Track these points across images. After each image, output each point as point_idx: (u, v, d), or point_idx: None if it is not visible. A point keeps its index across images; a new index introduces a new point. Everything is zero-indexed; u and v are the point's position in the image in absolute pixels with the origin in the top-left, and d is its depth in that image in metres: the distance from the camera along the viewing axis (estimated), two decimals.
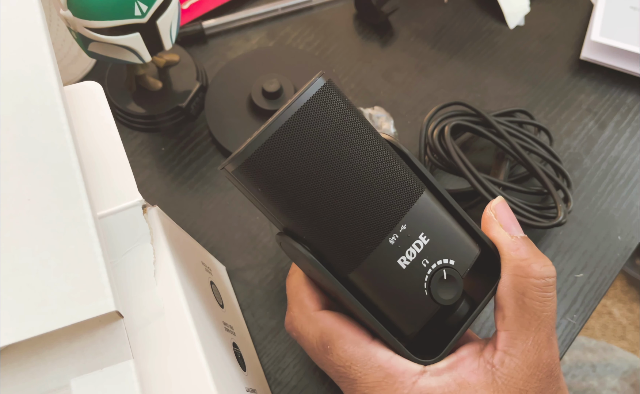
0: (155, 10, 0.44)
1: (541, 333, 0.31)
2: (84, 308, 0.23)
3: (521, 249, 0.32)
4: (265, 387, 0.42)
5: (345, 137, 0.29)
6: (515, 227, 0.33)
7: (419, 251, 0.31)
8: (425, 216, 0.31)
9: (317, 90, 0.29)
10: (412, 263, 0.31)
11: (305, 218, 0.29)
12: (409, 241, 0.30)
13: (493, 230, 0.33)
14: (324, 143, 0.28)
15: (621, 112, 0.56)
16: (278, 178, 0.28)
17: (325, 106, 0.29)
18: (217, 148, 0.54)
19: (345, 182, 0.29)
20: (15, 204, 0.25)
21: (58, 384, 0.24)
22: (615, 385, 0.69)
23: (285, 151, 0.28)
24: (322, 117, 0.28)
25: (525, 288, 0.31)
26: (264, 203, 0.30)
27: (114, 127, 0.32)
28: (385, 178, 0.30)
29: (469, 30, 0.62)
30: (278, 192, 0.29)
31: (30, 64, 0.28)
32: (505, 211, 0.34)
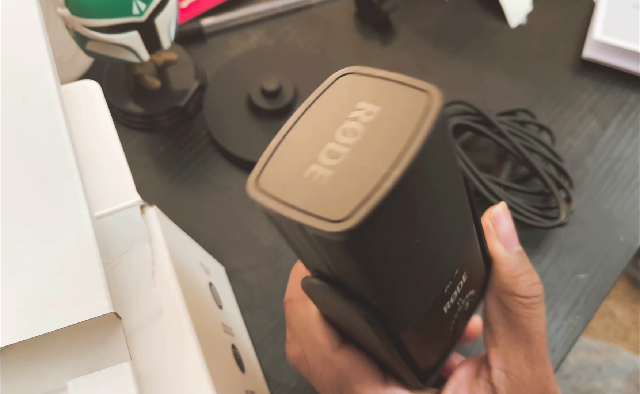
0: (154, 9, 0.44)
1: (532, 348, 0.30)
2: (82, 309, 0.23)
3: (512, 264, 0.30)
4: (264, 389, 0.42)
5: (448, 183, 0.21)
6: (512, 240, 0.31)
7: (459, 292, 0.26)
8: (469, 253, 0.26)
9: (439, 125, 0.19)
10: (452, 305, 0.27)
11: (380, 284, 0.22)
12: (456, 283, 0.26)
13: (489, 242, 0.31)
14: (435, 196, 0.21)
15: (623, 111, 0.56)
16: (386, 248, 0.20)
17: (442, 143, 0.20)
18: (216, 148, 0.53)
19: (431, 246, 0.22)
20: (12, 204, 0.25)
21: (55, 386, 0.24)
22: (620, 386, 0.68)
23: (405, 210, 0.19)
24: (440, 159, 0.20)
25: (511, 305, 0.30)
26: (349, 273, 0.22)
27: (112, 127, 0.31)
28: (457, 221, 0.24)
29: (470, 29, 0.62)
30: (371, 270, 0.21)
31: (28, 62, 0.28)
32: (505, 220, 0.31)
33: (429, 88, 0.20)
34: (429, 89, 0.20)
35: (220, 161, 0.53)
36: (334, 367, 0.30)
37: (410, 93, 0.20)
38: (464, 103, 0.51)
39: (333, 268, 0.22)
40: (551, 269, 0.48)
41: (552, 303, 0.47)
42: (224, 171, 0.53)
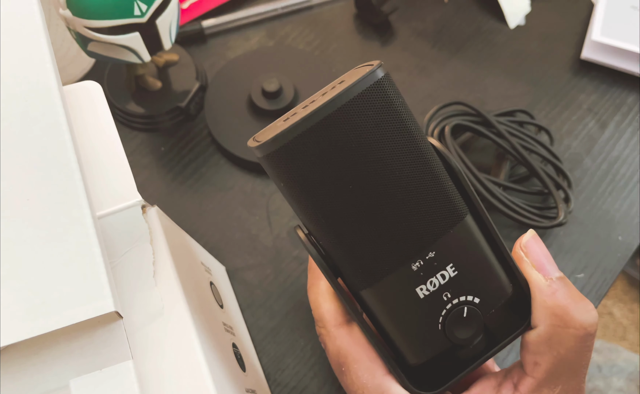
0: (155, 10, 0.44)
1: (571, 382, 0.28)
2: (83, 308, 0.23)
3: (558, 293, 0.28)
4: (264, 388, 0.42)
5: (392, 143, 0.25)
6: (549, 266, 0.29)
7: (442, 283, 0.27)
8: (459, 245, 0.27)
9: (372, 82, 0.24)
10: (431, 294, 0.27)
11: (326, 224, 0.26)
12: (434, 271, 0.27)
13: (525, 271, 0.29)
14: (367, 146, 0.24)
15: (622, 111, 0.56)
16: (306, 177, 0.25)
17: (377, 103, 0.24)
18: (217, 148, 0.54)
19: (380, 194, 0.25)
20: (14, 204, 0.25)
21: (57, 385, 0.24)
22: (621, 386, 0.68)
23: (322, 148, 0.24)
24: (372, 115, 0.24)
25: (563, 339, 0.28)
26: (285, 196, 0.27)
27: (113, 127, 0.31)
28: (425, 197, 0.26)
29: (469, 30, 0.62)
30: (303, 192, 0.25)
31: (29, 63, 0.28)
32: (537, 247, 0.29)
33: (374, 63, 0.25)
34: (374, 63, 0.25)
35: (221, 161, 0.53)
36: (335, 343, 0.31)
37: (363, 69, 0.25)
38: (463, 103, 0.51)
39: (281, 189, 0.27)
40: None
41: None
42: (224, 171, 0.53)
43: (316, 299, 0.32)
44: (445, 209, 0.26)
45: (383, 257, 0.26)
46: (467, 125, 0.50)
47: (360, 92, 0.24)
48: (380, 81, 0.24)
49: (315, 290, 0.32)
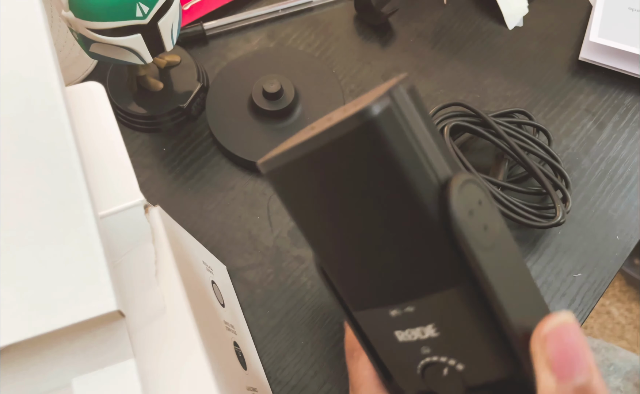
0: (157, 12, 0.44)
1: None
2: (86, 307, 0.23)
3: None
4: (265, 386, 0.42)
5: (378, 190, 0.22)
6: (569, 367, 0.22)
7: (421, 338, 0.25)
8: (443, 310, 0.24)
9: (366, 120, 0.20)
10: (409, 342, 0.25)
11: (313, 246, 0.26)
12: (412, 324, 0.25)
13: (535, 364, 0.23)
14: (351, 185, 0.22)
15: (620, 112, 0.57)
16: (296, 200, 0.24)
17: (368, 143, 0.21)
18: (218, 149, 0.54)
19: (361, 234, 0.23)
20: (17, 204, 0.25)
21: (59, 384, 0.24)
22: (618, 385, 0.69)
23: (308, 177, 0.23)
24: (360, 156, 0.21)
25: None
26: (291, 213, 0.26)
27: (116, 128, 0.32)
28: (407, 252, 0.23)
29: (468, 31, 0.62)
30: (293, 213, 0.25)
31: (32, 64, 0.28)
32: (559, 343, 0.22)
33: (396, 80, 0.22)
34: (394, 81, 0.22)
35: (222, 161, 0.54)
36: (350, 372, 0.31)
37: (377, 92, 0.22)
38: (462, 104, 0.51)
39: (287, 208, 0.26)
40: (548, 268, 0.49)
41: (549, 301, 0.47)
42: (225, 171, 0.53)
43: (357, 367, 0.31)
44: (430, 271, 0.23)
45: (362, 292, 0.25)
46: (466, 125, 0.50)
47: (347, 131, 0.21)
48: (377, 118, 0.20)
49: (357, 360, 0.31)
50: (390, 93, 0.21)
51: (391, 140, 0.21)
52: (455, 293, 0.23)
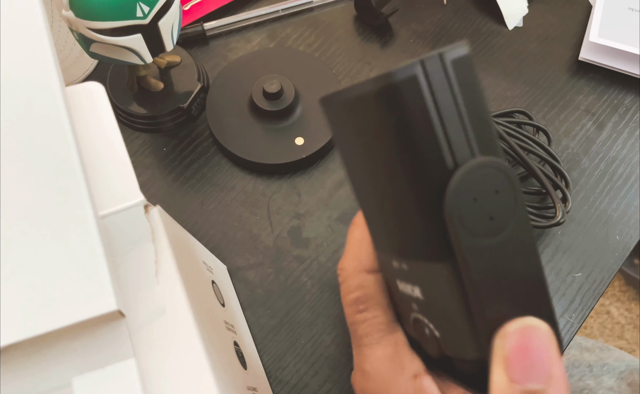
0: (157, 12, 0.44)
1: None
2: (86, 307, 0.23)
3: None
4: (266, 385, 0.42)
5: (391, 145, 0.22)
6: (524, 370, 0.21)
7: (412, 295, 0.26)
8: (428, 279, 0.25)
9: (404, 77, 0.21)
10: (405, 294, 0.27)
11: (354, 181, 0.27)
12: (407, 280, 0.26)
13: (492, 357, 0.23)
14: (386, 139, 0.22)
15: (619, 112, 0.57)
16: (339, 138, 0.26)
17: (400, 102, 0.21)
18: (218, 149, 0.54)
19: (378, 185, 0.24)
20: (17, 204, 0.25)
21: (59, 383, 0.24)
22: (612, 385, 0.69)
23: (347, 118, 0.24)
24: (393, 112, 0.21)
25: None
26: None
27: (116, 128, 0.31)
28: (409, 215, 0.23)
29: (468, 32, 0.62)
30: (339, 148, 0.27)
31: (32, 64, 0.28)
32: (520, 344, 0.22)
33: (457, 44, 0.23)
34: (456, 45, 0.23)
35: (223, 161, 0.54)
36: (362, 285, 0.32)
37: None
38: None
39: None
40: (548, 268, 0.49)
41: None
42: (226, 171, 0.53)
43: (359, 240, 0.32)
44: (424, 240, 0.24)
45: (377, 235, 0.28)
46: None
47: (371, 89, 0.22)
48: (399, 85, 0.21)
49: (359, 230, 0.33)
50: (422, 62, 0.21)
51: (408, 110, 0.21)
52: (440, 268, 0.23)
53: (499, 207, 0.22)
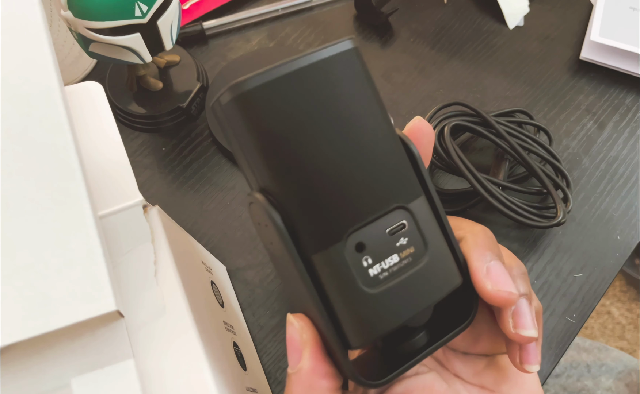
0: (156, 11, 0.44)
1: None
2: (85, 307, 0.23)
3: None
4: (265, 386, 0.42)
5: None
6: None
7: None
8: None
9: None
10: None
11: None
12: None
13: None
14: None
15: (620, 112, 0.57)
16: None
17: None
18: (218, 149, 0.54)
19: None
20: (16, 204, 0.25)
21: (59, 383, 0.24)
22: (610, 385, 0.69)
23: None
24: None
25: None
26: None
27: (115, 127, 0.32)
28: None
29: (468, 31, 0.62)
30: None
31: (31, 64, 0.28)
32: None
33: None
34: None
35: (222, 161, 0.53)
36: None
37: None
38: (463, 104, 0.51)
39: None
40: (548, 268, 0.48)
41: (550, 301, 0.47)
42: (225, 171, 0.53)
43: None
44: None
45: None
46: (467, 125, 0.50)
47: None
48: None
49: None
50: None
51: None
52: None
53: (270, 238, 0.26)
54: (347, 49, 0.26)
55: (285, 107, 0.25)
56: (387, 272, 0.26)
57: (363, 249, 0.26)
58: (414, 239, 0.26)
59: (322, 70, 0.25)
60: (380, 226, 0.26)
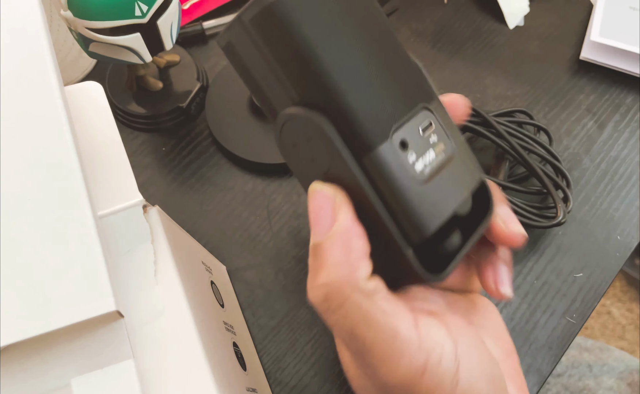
0: (156, 11, 0.44)
1: None
2: (85, 307, 0.23)
3: None
4: (265, 386, 0.42)
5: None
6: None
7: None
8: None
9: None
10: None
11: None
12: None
13: None
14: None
15: (620, 112, 0.56)
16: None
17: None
18: (218, 148, 0.54)
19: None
20: (16, 204, 0.25)
21: (59, 384, 0.24)
22: (611, 385, 0.69)
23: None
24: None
25: None
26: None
27: (115, 127, 0.32)
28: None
29: (468, 31, 0.62)
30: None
31: (31, 64, 0.28)
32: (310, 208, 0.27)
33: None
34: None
35: (222, 161, 0.53)
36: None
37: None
38: None
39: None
40: (549, 268, 0.48)
41: (550, 301, 0.47)
42: (225, 171, 0.53)
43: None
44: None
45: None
46: (467, 125, 0.50)
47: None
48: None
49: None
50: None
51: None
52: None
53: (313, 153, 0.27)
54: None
55: (323, 6, 0.25)
56: (429, 167, 0.27)
57: (406, 147, 0.26)
58: (441, 136, 0.28)
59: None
60: (414, 125, 0.27)
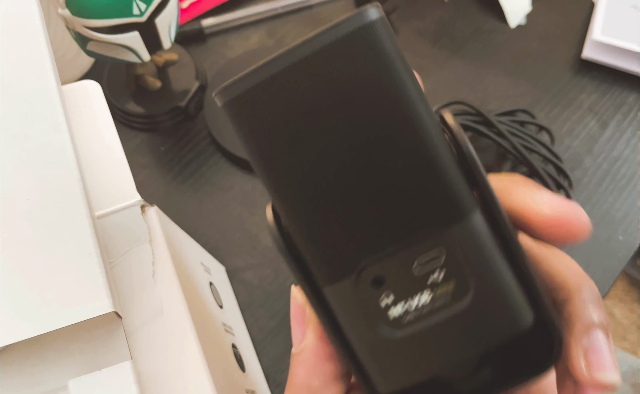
0: (154, 9, 0.44)
1: None
2: (82, 309, 0.23)
3: None
4: (264, 388, 0.42)
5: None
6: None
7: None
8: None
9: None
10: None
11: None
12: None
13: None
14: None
15: (622, 111, 0.56)
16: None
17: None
18: (217, 148, 0.54)
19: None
20: (13, 204, 0.25)
21: (56, 385, 0.24)
22: None
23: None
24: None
25: None
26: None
27: (113, 127, 0.31)
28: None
29: (469, 30, 0.62)
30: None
31: (29, 63, 0.28)
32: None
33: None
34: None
35: (221, 161, 0.53)
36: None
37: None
38: (464, 103, 0.51)
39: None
40: None
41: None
42: (224, 171, 0.53)
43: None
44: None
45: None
46: (468, 124, 0.50)
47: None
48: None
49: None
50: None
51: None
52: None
53: None
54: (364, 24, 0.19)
55: (286, 109, 0.20)
56: (414, 313, 0.20)
57: (381, 285, 0.20)
58: (452, 274, 0.20)
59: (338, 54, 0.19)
60: (405, 258, 0.20)
